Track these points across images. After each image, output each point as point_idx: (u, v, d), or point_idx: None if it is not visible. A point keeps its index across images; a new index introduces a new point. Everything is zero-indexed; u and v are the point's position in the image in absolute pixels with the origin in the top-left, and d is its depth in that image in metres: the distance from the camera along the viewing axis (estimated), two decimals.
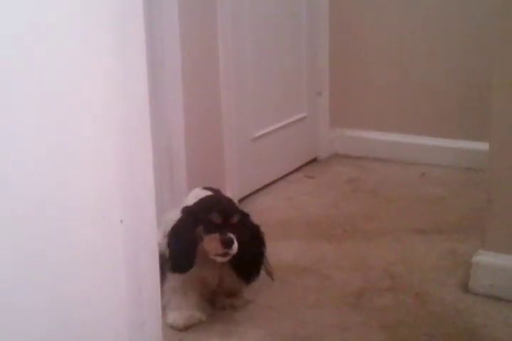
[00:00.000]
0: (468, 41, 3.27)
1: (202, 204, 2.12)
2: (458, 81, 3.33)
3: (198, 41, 2.71)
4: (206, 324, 2.12)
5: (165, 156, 2.64)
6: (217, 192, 2.31)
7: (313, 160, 3.55)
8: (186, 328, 2.09)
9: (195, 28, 2.67)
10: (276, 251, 2.53)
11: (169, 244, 2.07)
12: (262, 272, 2.21)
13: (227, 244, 2.00)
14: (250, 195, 3.07)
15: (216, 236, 2.01)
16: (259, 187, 3.14)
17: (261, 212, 2.91)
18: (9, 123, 1.19)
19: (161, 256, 2.01)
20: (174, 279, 2.09)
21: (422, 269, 2.41)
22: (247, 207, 2.91)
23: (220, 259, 2.05)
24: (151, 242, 1.50)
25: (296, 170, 3.41)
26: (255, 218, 2.77)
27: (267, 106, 3.16)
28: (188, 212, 2.10)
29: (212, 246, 2.03)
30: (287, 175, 3.33)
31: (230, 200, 2.18)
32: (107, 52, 1.34)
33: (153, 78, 2.48)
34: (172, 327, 2.08)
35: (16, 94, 1.19)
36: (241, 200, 2.96)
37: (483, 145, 2.37)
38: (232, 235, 2.01)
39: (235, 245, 2.01)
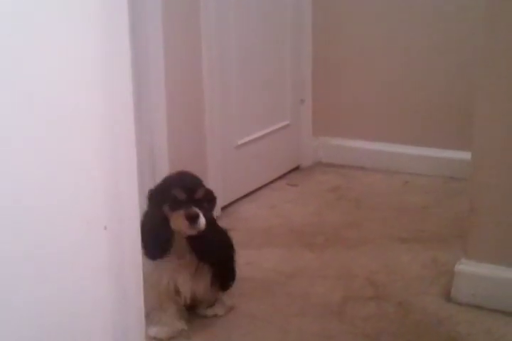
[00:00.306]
0: (452, 53, 3.28)
1: (165, 182, 2.06)
2: (441, 90, 3.35)
3: (182, 49, 2.70)
4: (189, 333, 2.11)
5: (148, 164, 2.63)
6: None
7: (296, 168, 3.55)
8: (169, 339, 2.07)
9: (179, 36, 2.67)
10: (259, 258, 2.54)
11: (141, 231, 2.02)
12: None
13: (192, 218, 1.93)
14: (233, 202, 3.07)
15: (181, 212, 1.96)
16: (243, 194, 3.14)
17: (244, 219, 2.91)
18: None
19: None
20: (150, 295, 2.01)
21: (404, 278, 2.42)
22: (230, 215, 2.91)
23: (188, 232, 1.97)
24: (135, 248, 1.49)
25: (279, 177, 3.41)
26: (238, 226, 2.78)
27: (250, 114, 3.16)
28: (153, 194, 2.04)
29: (179, 223, 1.96)
30: (270, 182, 3.33)
31: (193, 176, 2.08)
32: (93, 56, 1.33)
33: (137, 86, 2.48)
34: (155, 339, 2.06)
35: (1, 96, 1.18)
36: (224, 208, 2.96)
37: (466, 155, 2.38)
38: (197, 209, 1.95)
39: (202, 220, 1.95)
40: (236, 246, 2.21)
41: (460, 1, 3.22)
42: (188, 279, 2.07)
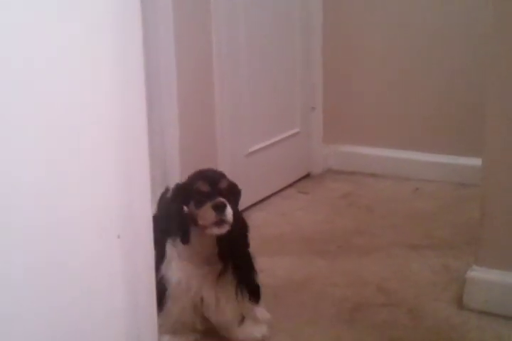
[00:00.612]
0: (462, 58, 3.29)
1: (188, 178, 2.02)
2: (451, 97, 3.36)
3: (193, 59, 2.73)
4: None
5: (159, 173, 2.65)
6: None
7: (307, 176, 3.56)
8: None
9: (190, 44, 2.69)
10: (272, 266, 2.54)
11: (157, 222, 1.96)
12: None
13: (219, 207, 1.87)
14: (244, 210, 3.06)
15: (207, 205, 1.90)
16: (253, 202, 3.14)
17: (255, 227, 2.88)
18: (7, 135, 1.19)
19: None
20: (176, 306, 2.00)
21: (416, 285, 2.42)
22: None
23: (217, 231, 1.91)
24: (147, 257, 1.50)
25: (290, 185, 3.41)
26: (250, 233, 2.77)
27: (260, 122, 3.17)
28: (177, 189, 2.01)
29: (206, 217, 1.90)
30: (281, 190, 3.34)
31: (215, 170, 2.05)
32: (107, 65, 1.35)
33: (148, 94, 2.49)
34: None
35: (14, 103, 1.20)
36: None
37: (476, 161, 2.38)
38: (223, 199, 1.90)
39: (229, 210, 1.89)
40: None
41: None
42: (212, 288, 2.01)
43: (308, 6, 3.38)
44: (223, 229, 1.91)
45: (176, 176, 2.64)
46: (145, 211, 1.51)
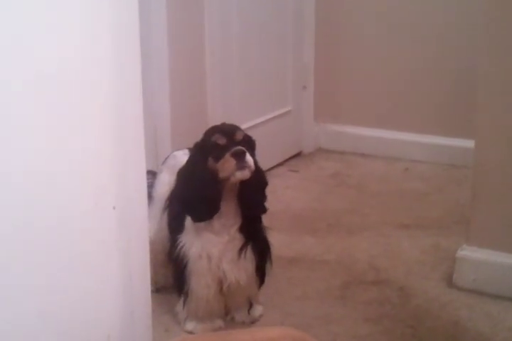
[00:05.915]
0: (454, 39, 3.29)
1: (204, 136, 1.95)
2: (443, 78, 3.35)
3: (185, 36, 2.71)
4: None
5: (151, 150, 2.64)
6: None
7: (298, 155, 3.56)
8: None
9: (182, 21, 2.68)
10: None
11: (183, 190, 1.91)
12: None
13: (239, 155, 1.82)
14: None
15: (226, 155, 1.83)
16: None
17: None
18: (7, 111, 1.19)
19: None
20: (193, 278, 1.96)
21: (406, 263, 2.43)
22: None
23: (239, 175, 1.84)
24: (142, 229, 1.50)
25: (281, 164, 3.41)
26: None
27: (252, 100, 3.16)
28: (196, 146, 1.95)
29: (227, 167, 1.83)
30: (271, 168, 3.33)
31: (230, 124, 1.98)
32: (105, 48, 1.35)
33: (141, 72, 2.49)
34: (191, 333, 2.02)
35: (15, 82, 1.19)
36: None
37: (466, 143, 2.39)
38: (241, 147, 1.84)
39: (249, 158, 1.83)
40: None
41: None
42: (233, 262, 1.97)
43: None
44: (246, 173, 1.85)
45: (167, 152, 2.64)
46: (140, 183, 1.51)
